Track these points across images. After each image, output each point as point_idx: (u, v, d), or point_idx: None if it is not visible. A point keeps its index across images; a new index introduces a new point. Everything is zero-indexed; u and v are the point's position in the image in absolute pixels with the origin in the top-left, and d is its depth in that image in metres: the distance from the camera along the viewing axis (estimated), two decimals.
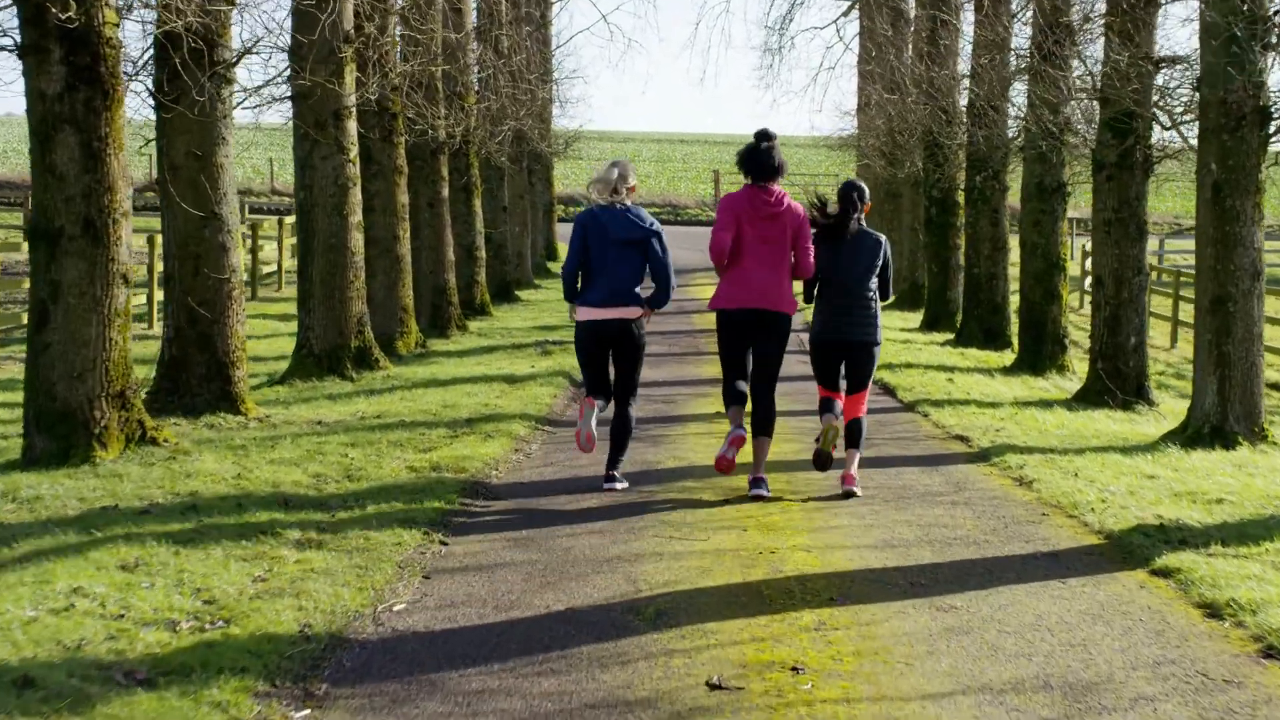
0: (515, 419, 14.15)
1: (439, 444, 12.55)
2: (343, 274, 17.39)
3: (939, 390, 17.87)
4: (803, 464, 12.17)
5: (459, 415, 14.38)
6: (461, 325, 23.16)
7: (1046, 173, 21.18)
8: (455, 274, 25.34)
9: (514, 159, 32.00)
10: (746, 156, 10.39)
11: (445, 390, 16.38)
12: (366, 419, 14.19)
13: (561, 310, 27.88)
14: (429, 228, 22.84)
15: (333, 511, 9.60)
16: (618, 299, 10.45)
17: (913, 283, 31.46)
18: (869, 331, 10.77)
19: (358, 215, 17.59)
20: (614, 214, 10.44)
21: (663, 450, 12.88)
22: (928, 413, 15.96)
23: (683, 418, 15.19)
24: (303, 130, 17.34)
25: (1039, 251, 21.34)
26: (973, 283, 24.96)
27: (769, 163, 10.32)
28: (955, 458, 13.07)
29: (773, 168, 10.34)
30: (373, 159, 20.09)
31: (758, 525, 9.69)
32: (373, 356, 17.74)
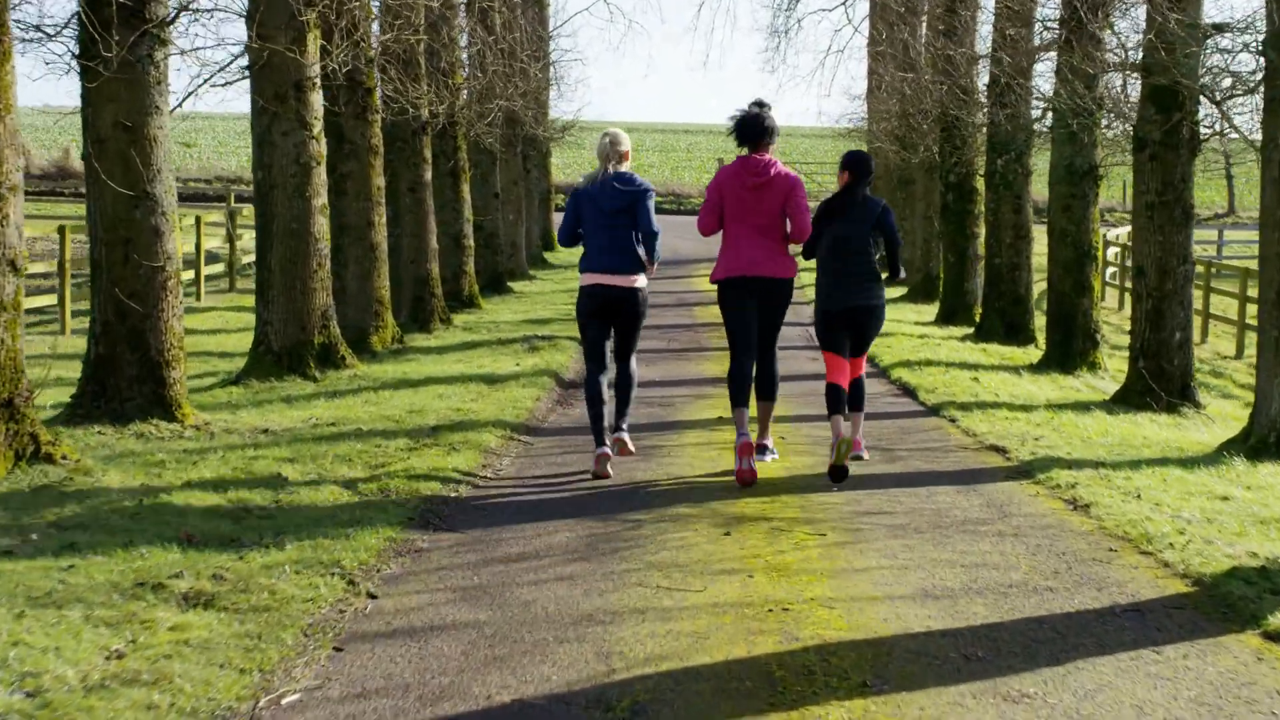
0: (488, 427, 12.22)
1: (394, 458, 10.63)
2: (305, 262, 15.46)
3: (965, 391, 15.94)
4: (817, 482, 10.25)
5: (424, 422, 12.47)
6: (445, 319, 21.24)
7: (1077, 154, 19.23)
8: (440, 264, 23.40)
9: (507, 143, 30.06)
10: (738, 123, 10.45)
11: (415, 392, 14.46)
12: (319, 426, 12.28)
13: (555, 303, 25.96)
14: (410, 214, 20.92)
15: (243, 551, 7.68)
16: (620, 266, 10.39)
17: (927, 274, 29.49)
18: (873, 295, 10.68)
19: (322, 197, 15.67)
20: (605, 181, 10.39)
21: (655, 465, 10.95)
22: (955, 418, 14.03)
23: (680, 424, 13.27)
24: (260, 103, 15.40)
25: (1069, 239, 19.39)
26: (994, 273, 22.99)
27: (759, 125, 10.34)
28: (993, 473, 11.14)
29: (762, 130, 10.34)
30: (344, 138, 18.16)
31: (767, 567, 7.77)
32: (339, 354, 15.82)
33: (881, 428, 13.42)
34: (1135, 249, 16.66)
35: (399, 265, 21.07)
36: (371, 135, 18.31)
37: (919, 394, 15.82)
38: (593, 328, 10.71)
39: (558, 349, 18.47)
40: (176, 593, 6.76)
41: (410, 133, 20.86)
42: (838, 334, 10.79)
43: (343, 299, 18.25)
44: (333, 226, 18.40)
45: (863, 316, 10.73)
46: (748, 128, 10.42)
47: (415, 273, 21.00)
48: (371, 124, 18.31)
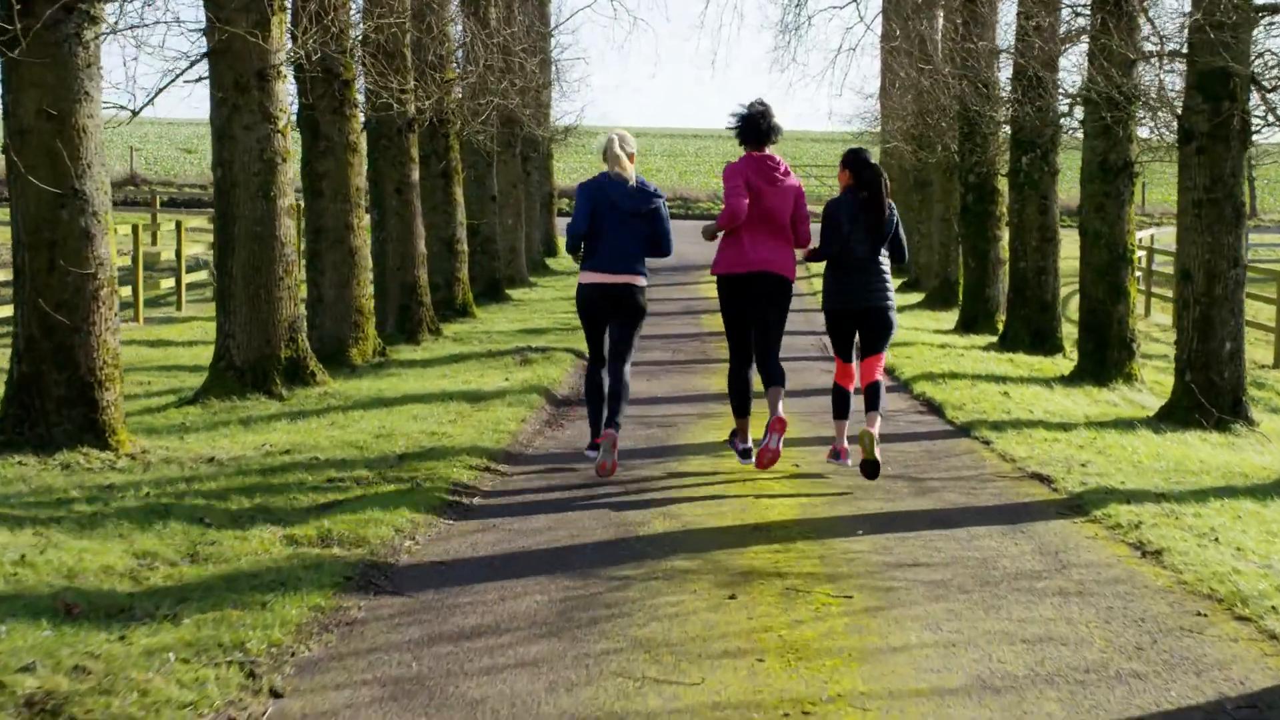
0: (462, 455, 10.60)
1: (345, 496, 9.03)
2: (270, 269, 13.88)
3: (995, 408, 14.32)
4: (838, 523, 8.66)
5: (391, 449, 10.87)
6: (434, 329, 19.63)
7: (1111, 149, 17.59)
8: (431, 270, 21.78)
9: (506, 144, 28.46)
10: (744, 123, 10.19)
11: (389, 412, 12.86)
12: (272, 454, 10.69)
13: (554, 311, 24.37)
14: (396, 217, 19.32)
15: (129, 627, 6.08)
16: (624, 267, 10.17)
17: (945, 279, 27.81)
18: (881, 296, 10.31)
19: (289, 197, 14.08)
20: (620, 185, 10.18)
21: (650, 502, 9.33)
22: (989, 439, 12.41)
23: (681, 450, 11.66)
24: (219, 94, 13.83)
25: (1103, 241, 17.74)
26: (1019, 278, 21.34)
27: (766, 126, 10.13)
28: (1041, 509, 9.52)
29: (770, 128, 10.16)
30: (320, 134, 16.59)
31: (781, 646, 6.16)
32: (308, 370, 14.22)
33: (907, 452, 11.82)
34: (1180, 251, 15.04)
35: (384, 272, 19.50)
36: (350, 131, 16.73)
37: (946, 411, 14.20)
38: (592, 326, 10.52)
39: (552, 362, 16.87)
40: (18, 696, 5.16)
41: (396, 130, 19.26)
42: (845, 334, 10.49)
43: (319, 309, 16.70)
44: (308, 230, 16.88)
45: (871, 316, 10.35)
46: (756, 126, 10.18)
47: (401, 280, 19.41)
48: (350, 119, 16.73)
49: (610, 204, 10.16)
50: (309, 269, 16.88)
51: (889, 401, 15.10)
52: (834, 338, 10.59)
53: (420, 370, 16.21)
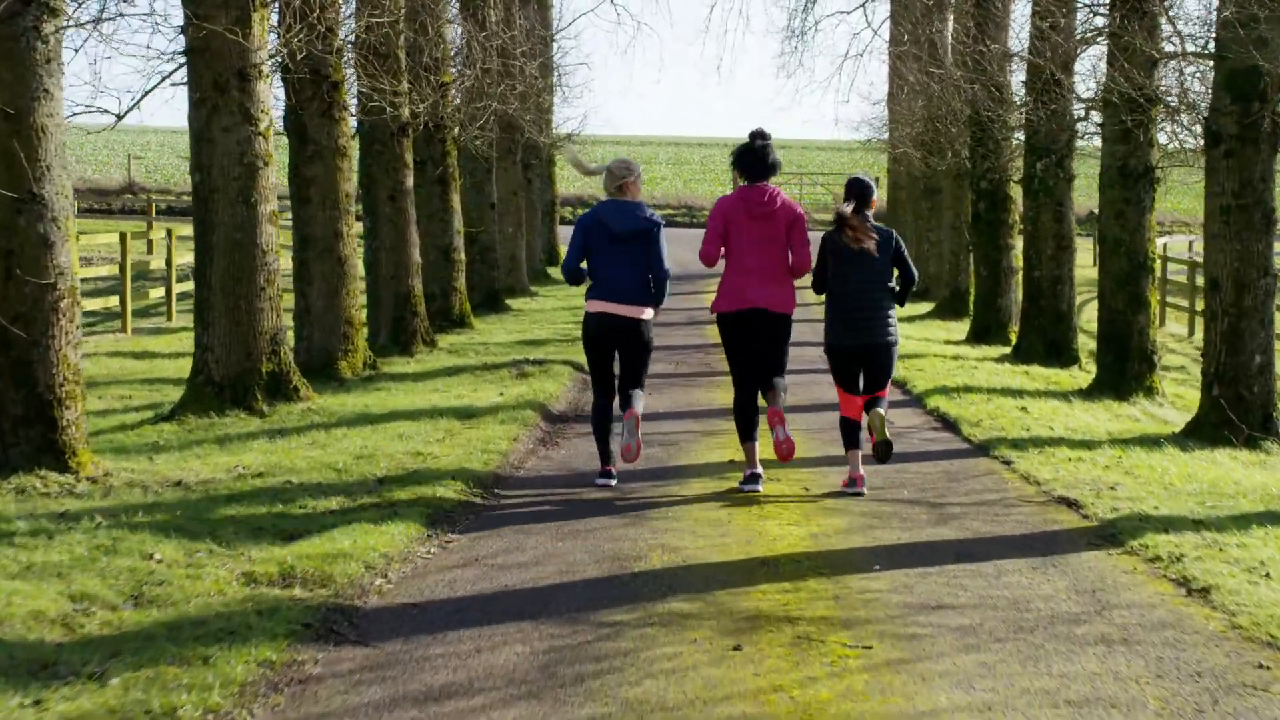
0: (447, 479, 9.80)
1: (316, 526, 8.24)
2: (250, 279, 13.09)
3: (1013, 424, 13.52)
4: (854, 556, 7.87)
5: (371, 472, 10.08)
6: (429, 340, 18.83)
7: (1131, 154, 16.78)
8: (427, 280, 20.99)
9: (506, 150, 27.67)
10: (741, 155, 10.03)
11: (374, 430, 12.07)
12: (244, 478, 9.90)
13: (555, 322, 23.58)
14: (389, 224, 18.53)
15: (49, 688, 5.28)
16: (627, 296, 9.93)
17: (955, 289, 26.99)
18: (884, 332, 9.94)
19: (271, 203, 13.30)
20: (615, 210, 9.95)
21: (647, 532, 8.54)
22: (1009, 459, 11.61)
23: (684, 471, 10.86)
24: (197, 94, 13.06)
25: (1122, 249, 16.94)
26: (1033, 288, 20.53)
27: (763, 160, 9.93)
28: (1072, 539, 8.72)
29: (767, 165, 9.95)
30: (308, 138, 15.81)
31: (792, 711, 5.35)
32: (291, 384, 13.43)
33: (924, 473, 11.02)
34: (1207, 259, 14.26)
35: (377, 281, 18.71)
36: (338, 135, 15.95)
37: (961, 428, 13.39)
38: (598, 355, 10.21)
39: (549, 375, 16.07)
40: None
41: (389, 134, 18.47)
42: (849, 369, 10.11)
43: (307, 320, 15.91)
44: (295, 238, 16.11)
45: (874, 354, 10.00)
46: (751, 161, 9.98)
47: (395, 290, 18.61)
48: (338, 122, 15.95)
49: (605, 230, 9.95)
50: (296, 279, 16.10)
51: (902, 418, 14.34)
52: (836, 373, 10.25)
53: (412, 384, 15.42)
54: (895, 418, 14.29)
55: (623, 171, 10.10)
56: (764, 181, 10.02)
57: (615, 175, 10.08)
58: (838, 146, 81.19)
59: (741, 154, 10.05)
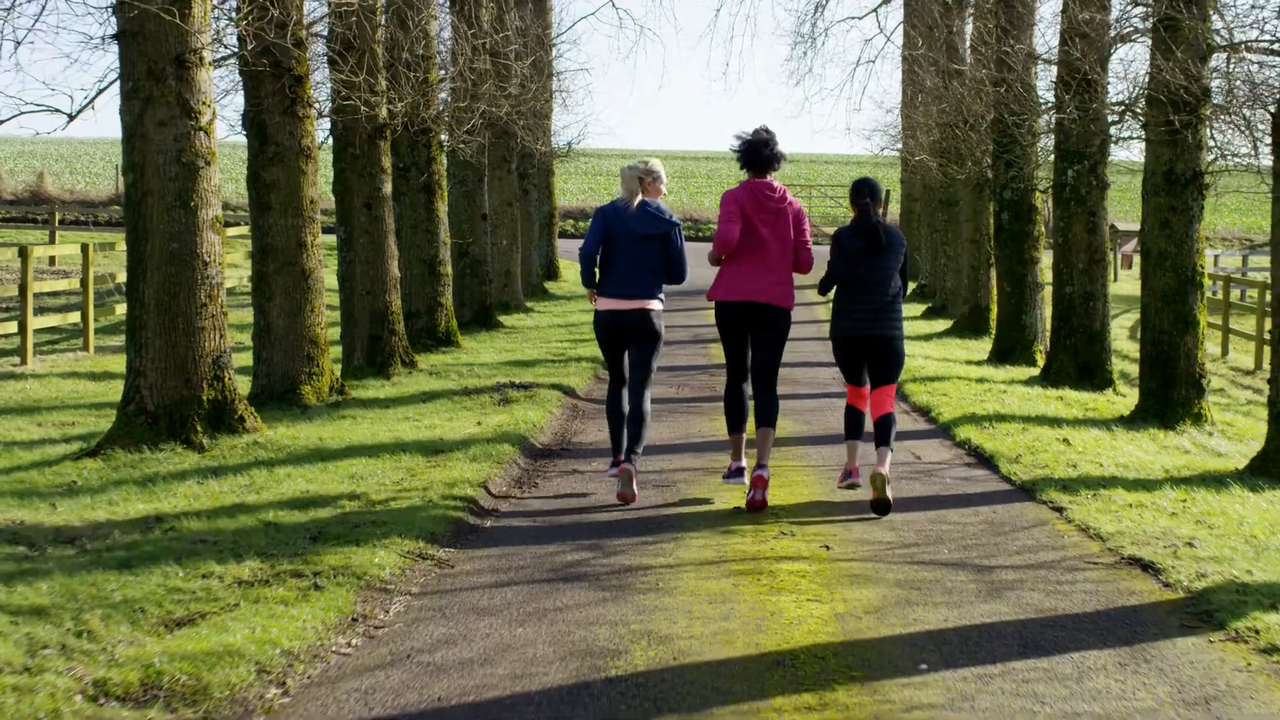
0: (394, 535, 7.99)
1: (213, 605, 6.47)
2: (189, 294, 11.34)
3: (1057, 460, 11.72)
4: (887, 648, 6.08)
5: (307, 525, 8.31)
6: (408, 361, 17.06)
7: (1178, 158, 15.01)
8: (412, 295, 19.29)
9: (500, 159, 25.92)
10: (746, 149, 9.91)
11: (324, 470, 10.29)
12: (153, 532, 8.13)
13: (549, 340, 21.82)
14: (365, 235, 16.77)
15: None
16: (637, 292, 9.90)
17: (975, 305, 25.16)
18: (890, 326, 9.79)
19: (214, 208, 11.55)
20: (637, 209, 9.93)
21: (631, 611, 6.74)
22: (1060, 505, 9.83)
23: (681, 521, 9.08)
24: (129, 84, 11.33)
25: (1168, 263, 15.15)
26: (1064, 305, 18.72)
27: (768, 153, 9.84)
28: (1159, 618, 6.94)
29: (772, 155, 9.85)
30: (268, 138, 14.05)
31: None
32: (235, 414, 11.67)
33: (965, 524, 9.24)
34: (1276, 276, 12.52)
35: (352, 297, 16.94)
36: (302, 135, 14.19)
37: (999, 464, 11.60)
38: (611, 351, 10.16)
39: (535, 402, 14.28)
40: None
41: (365, 137, 16.71)
42: (854, 360, 9.90)
43: (266, 340, 14.15)
44: (254, 250, 14.36)
45: (880, 346, 9.78)
46: (757, 153, 9.85)
47: (371, 306, 16.84)
48: (303, 121, 14.19)
49: (624, 227, 9.89)
50: (255, 294, 14.35)
51: (930, 451, 12.59)
52: (842, 364, 10.02)
53: (381, 412, 13.64)
54: (922, 450, 12.55)
55: (641, 172, 10.02)
56: (768, 175, 9.88)
57: (637, 177, 10.00)
58: (847, 160, 79.51)
59: (747, 146, 9.90)
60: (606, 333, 10.12)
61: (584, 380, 16.68)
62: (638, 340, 10.04)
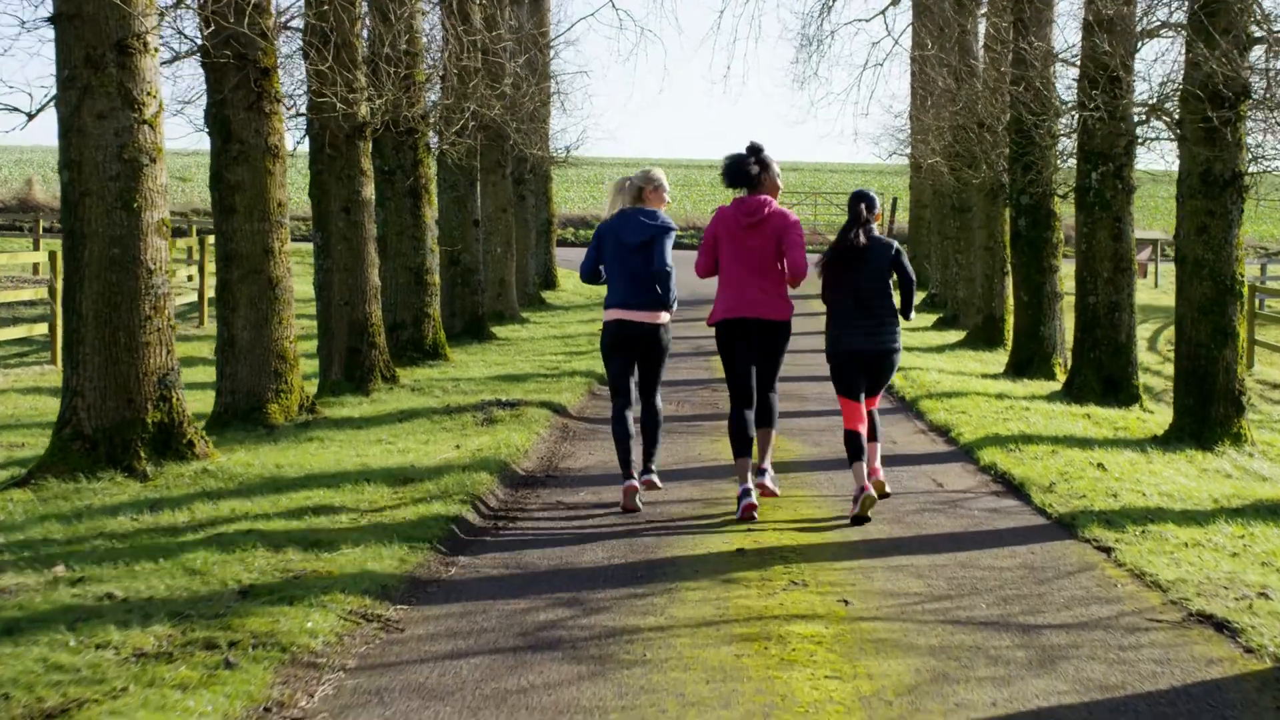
0: (335, 590, 6.75)
1: (93, 692, 5.21)
2: (132, 306, 10.11)
3: (1094, 488, 10.46)
4: None
5: (237, 576, 7.05)
6: (389, 376, 15.82)
7: (1217, 157, 13.75)
8: (397, 306, 18.08)
9: (495, 163, 24.68)
10: (727, 168, 9.82)
11: (276, 502, 9.02)
12: (58, 583, 6.88)
13: (543, 352, 20.56)
14: (343, 241, 15.54)
15: None
16: (645, 303, 9.73)
17: (988, 316, 23.88)
18: (887, 340, 9.60)
19: (161, 210, 10.32)
20: (630, 219, 9.81)
21: (612, 693, 5.47)
22: (1107, 544, 8.57)
23: (676, 568, 7.81)
24: (66, 71, 10.10)
25: (1205, 271, 13.88)
26: (1087, 315, 17.45)
27: (744, 169, 9.71)
28: (1249, 697, 5.68)
29: (748, 173, 9.69)
30: (232, 135, 12.81)
31: None
32: (184, 438, 10.42)
33: (999, 567, 7.99)
34: None
35: (329, 308, 15.69)
36: (269, 132, 12.95)
37: (1031, 494, 10.34)
38: (616, 363, 9.89)
39: (522, 422, 13.02)
40: None
41: (343, 137, 15.48)
42: (852, 378, 9.67)
43: (230, 354, 12.91)
44: (218, 256, 13.14)
45: (877, 360, 9.65)
46: (735, 172, 9.79)
47: (350, 317, 15.59)
48: (269, 117, 12.95)
49: (617, 239, 9.80)
50: (218, 304, 13.11)
51: (953, 478, 11.35)
52: (839, 381, 9.74)
53: (352, 433, 12.39)
54: (945, 476, 11.30)
55: (642, 181, 9.95)
56: (754, 191, 9.75)
57: (634, 185, 9.95)
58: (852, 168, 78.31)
59: (729, 166, 9.84)
60: (613, 343, 9.86)
61: (576, 396, 15.43)
62: (644, 353, 9.86)
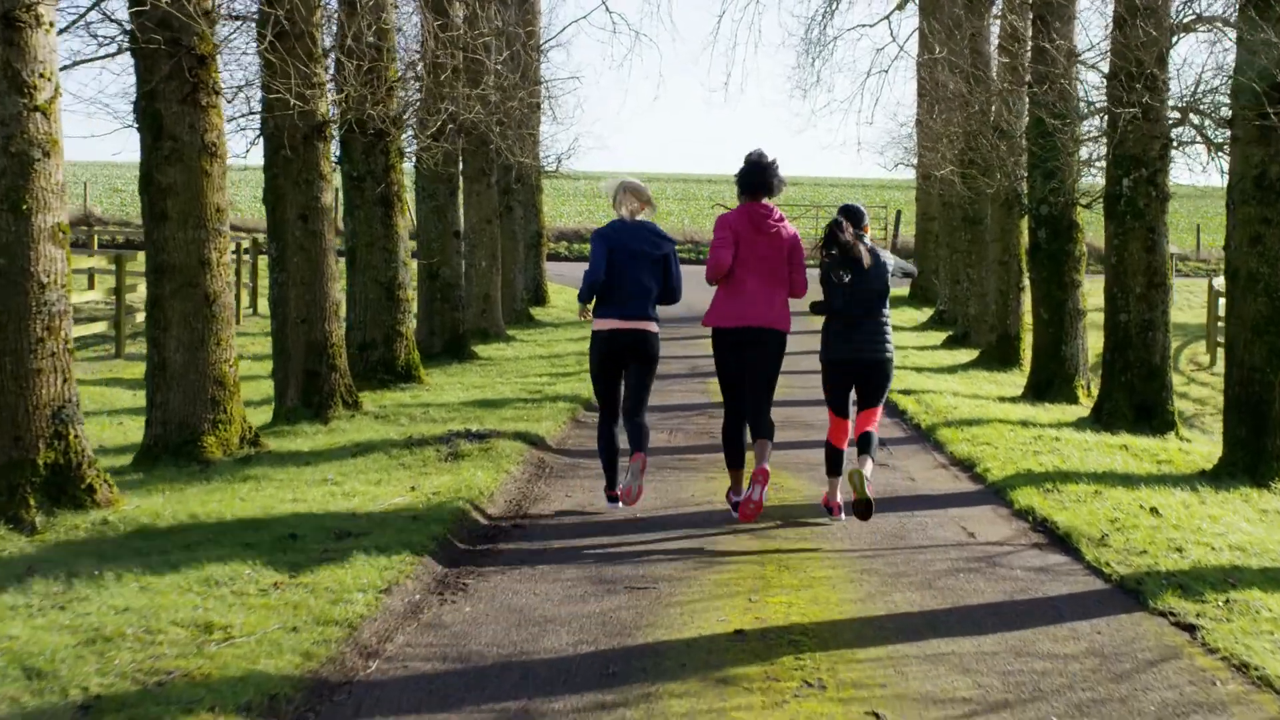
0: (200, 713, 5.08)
1: None
2: (20, 327, 8.43)
3: (1154, 540, 8.77)
4: None
5: (87, 680, 5.35)
6: (351, 401, 14.12)
7: (1272, 159, 12.11)
8: (367, 323, 16.43)
9: (479, 171, 23.00)
10: (745, 173, 9.56)
11: (175, 567, 7.29)
12: None
13: (527, 373, 18.86)
14: (301, 252, 13.85)
15: None
16: (636, 313, 9.56)
17: (1003, 334, 22.14)
18: (880, 349, 9.49)
19: (56, 214, 8.63)
20: (635, 229, 9.66)
21: None
22: (1189, 620, 6.90)
23: (658, 659, 6.11)
24: None
25: (1260, 286, 12.18)
26: (1119, 334, 15.75)
27: (767, 179, 9.49)
28: None
29: (770, 183, 9.51)
30: (164, 131, 11.12)
31: None
32: (83, 482, 8.73)
33: (1063, 654, 6.30)
34: None
35: (285, 325, 14.00)
36: (207, 128, 11.26)
37: (1082, 549, 8.65)
38: (606, 373, 9.61)
39: (490, 457, 11.31)
40: None
41: (301, 137, 13.78)
42: (841, 387, 9.58)
43: (161, 379, 11.23)
44: (148, 268, 11.46)
45: (869, 369, 9.46)
46: (756, 177, 9.49)
47: (308, 336, 13.89)
48: (207, 111, 11.26)
49: (626, 249, 9.58)
50: (148, 323, 11.40)
51: (986, 525, 9.67)
52: (829, 391, 9.65)
53: (296, 471, 10.68)
54: (975, 523, 9.62)
55: (639, 192, 9.78)
56: (766, 199, 9.54)
57: (638, 197, 9.75)
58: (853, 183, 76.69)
59: (746, 172, 9.55)
60: (604, 354, 9.61)
61: (558, 425, 13.73)
62: (634, 363, 9.63)
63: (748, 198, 9.53)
